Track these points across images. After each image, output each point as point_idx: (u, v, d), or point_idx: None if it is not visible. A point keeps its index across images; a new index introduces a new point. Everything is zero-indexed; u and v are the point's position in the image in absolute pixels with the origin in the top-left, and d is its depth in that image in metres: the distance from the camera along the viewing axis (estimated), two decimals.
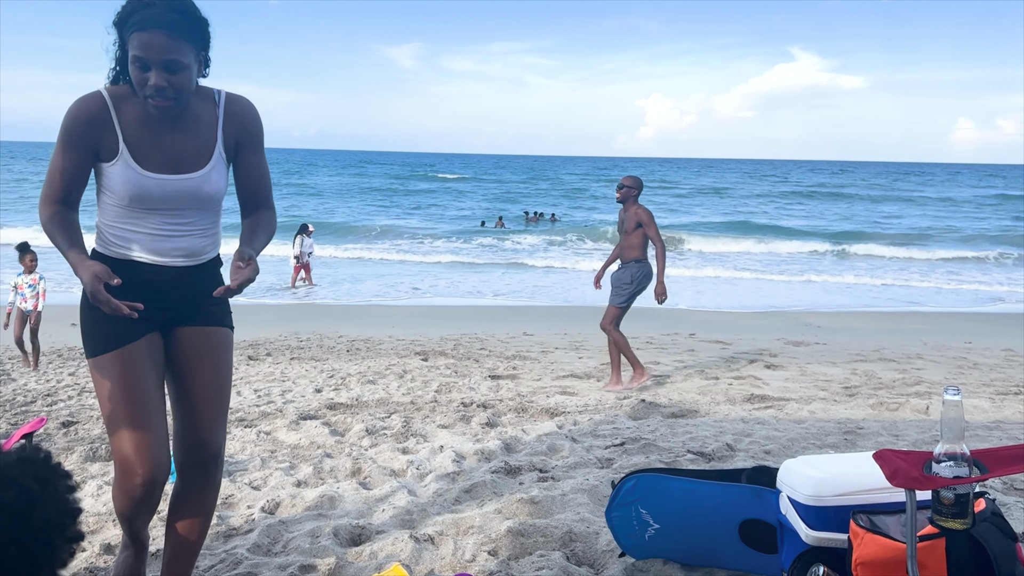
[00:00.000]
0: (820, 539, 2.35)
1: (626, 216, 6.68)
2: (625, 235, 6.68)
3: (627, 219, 6.65)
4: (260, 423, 5.06)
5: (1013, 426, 5.07)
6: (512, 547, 3.01)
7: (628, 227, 6.63)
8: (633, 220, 6.59)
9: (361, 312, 12.91)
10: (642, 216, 6.54)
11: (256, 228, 2.39)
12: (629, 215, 6.64)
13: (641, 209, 6.58)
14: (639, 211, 6.57)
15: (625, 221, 6.68)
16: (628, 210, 6.67)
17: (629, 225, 6.62)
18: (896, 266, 20.17)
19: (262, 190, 2.45)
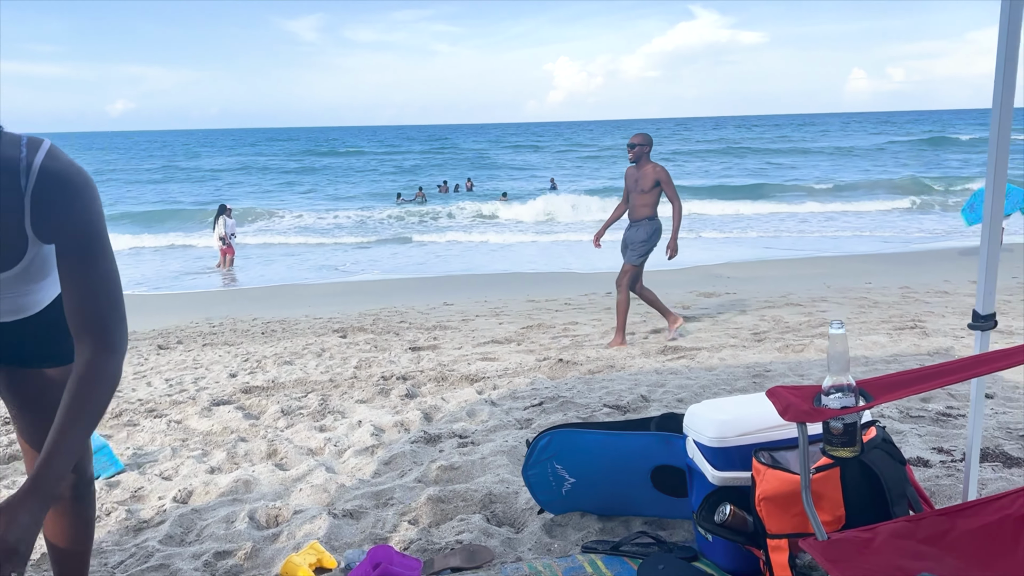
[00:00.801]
0: (726, 479, 2.43)
1: (641, 174, 6.67)
2: (640, 193, 6.68)
3: (642, 177, 6.65)
4: (170, 412, 4.91)
5: (908, 358, 5.33)
6: (432, 514, 3.02)
7: (644, 185, 6.64)
8: (651, 178, 6.61)
9: (275, 293, 12.63)
10: (661, 174, 6.59)
11: (71, 411, 1.57)
12: (645, 173, 6.65)
13: (659, 167, 6.63)
14: (657, 169, 6.61)
15: (640, 180, 6.67)
16: (643, 168, 6.67)
17: (646, 183, 6.63)
18: (798, 217, 20.86)
19: (91, 318, 1.62)
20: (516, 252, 16.87)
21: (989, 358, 1.98)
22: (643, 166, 6.68)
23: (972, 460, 2.38)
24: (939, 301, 8.14)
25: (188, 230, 21.31)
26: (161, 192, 34.70)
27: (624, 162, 7.10)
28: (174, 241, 19.47)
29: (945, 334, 6.18)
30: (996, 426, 3.70)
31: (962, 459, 3.23)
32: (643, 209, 6.71)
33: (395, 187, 33.24)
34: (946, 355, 5.42)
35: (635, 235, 6.76)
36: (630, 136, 6.91)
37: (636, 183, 6.73)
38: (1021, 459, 3.25)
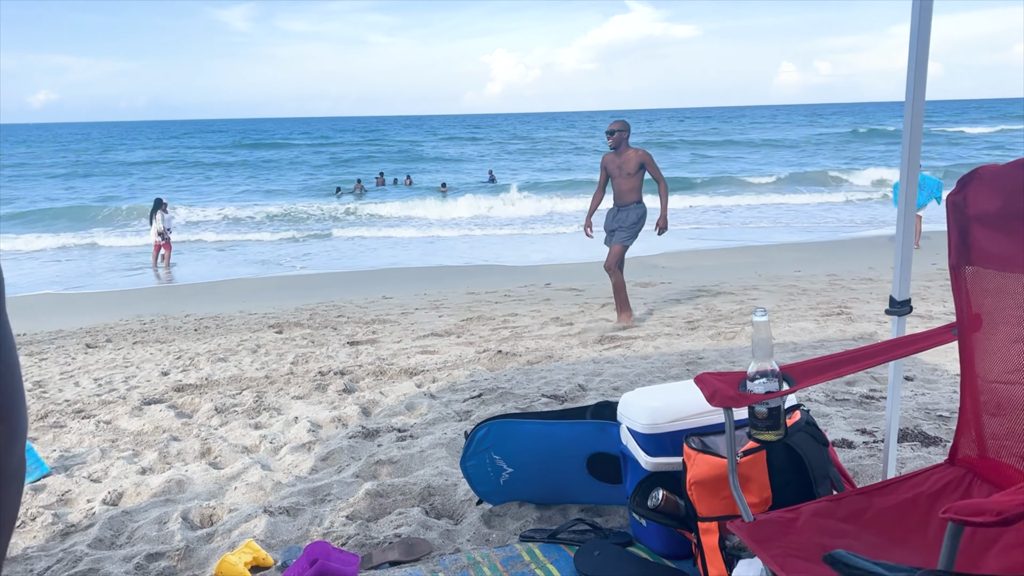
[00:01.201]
0: (658, 464, 2.49)
1: (623, 159, 6.81)
2: (626, 178, 6.81)
3: (625, 162, 6.80)
4: (99, 412, 4.78)
5: (834, 343, 5.52)
6: (371, 509, 3.01)
7: (629, 168, 6.78)
8: (634, 161, 6.76)
9: (208, 289, 12.36)
10: (644, 157, 6.76)
11: None
12: (627, 158, 6.79)
13: (640, 150, 6.79)
14: (639, 153, 6.77)
15: (623, 164, 6.81)
16: (624, 154, 6.81)
17: (630, 166, 6.78)
18: (729, 208, 21.30)
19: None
20: (455, 245, 16.84)
21: (904, 342, 2.07)
22: (624, 151, 6.83)
23: (891, 440, 2.48)
24: (864, 288, 8.43)
25: (87, 227, 20.58)
26: (70, 187, 33.14)
27: (561, 153, 7.15)
28: (73, 241, 18.72)
29: (869, 319, 6.40)
30: (915, 407, 3.86)
31: (883, 440, 3.37)
32: (631, 193, 6.86)
33: (330, 180, 32.78)
34: (870, 339, 5.62)
35: (626, 218, 6.88)
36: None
37: (620, 168, 6.86)
38: (938, 438, 3.40)
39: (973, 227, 1.89)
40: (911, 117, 2.18)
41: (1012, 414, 1.95)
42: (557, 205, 23.12)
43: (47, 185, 34.00)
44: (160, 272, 14.52)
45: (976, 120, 64.19)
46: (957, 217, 1.91)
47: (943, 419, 3.69)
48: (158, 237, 14.94)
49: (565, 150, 47.25)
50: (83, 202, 26.30)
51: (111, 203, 25.35)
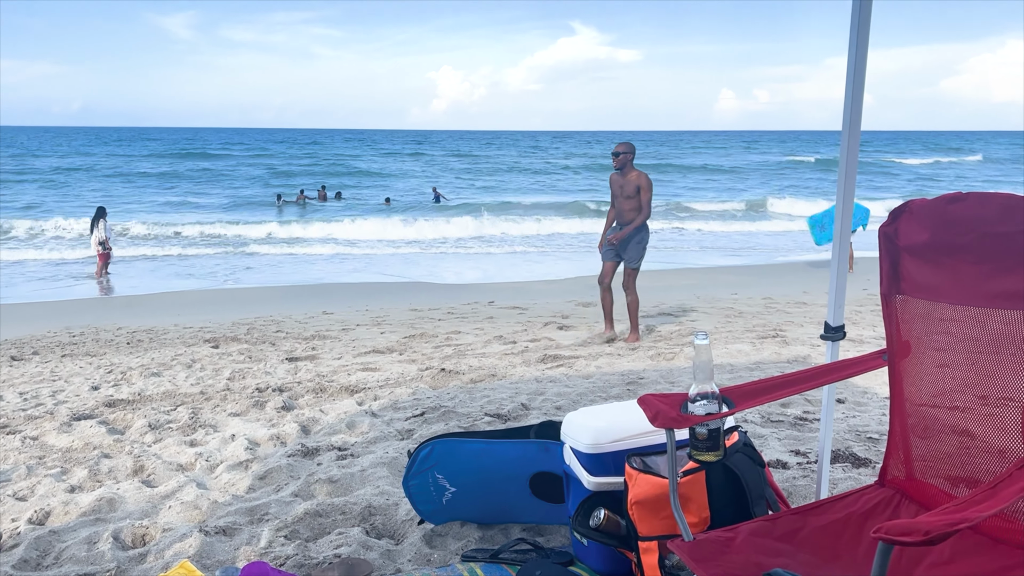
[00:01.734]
0: (600, 484, 2.52)
1: (625, 181, 6.89)
2: (626, 199, 6.92)
3: (627, 183, 6.88)
4: (25, 428, 4.61)
5: (770, 365, 5.66)
6: (310, 528, 2.97)
7: (628, 191, 6.88)
8: (634, 184, 6.84)
9: (141, 301, 12.04)
10: (642, 182, 6.84)
11: None
12: (629, 179, 6.87)
13: (642, 174, 6.88)
14: (640, 177, 6.86)
15: (624, 186, 6.90)
16: (627, 175, 6.90)
17: (629, 188, 6.87)
18: (670, 231, 21.70)
19: None
20: (396, 261, 16.75)
21: (838, 367, 2.15)
22: (627, 173, 6.94)
23: (824, 461, 2.56)
24: (798, 311, 8.66)
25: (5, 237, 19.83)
26: None
27: (505, 172, 7.19)
28: (34, 256, 18.07)
29: (803, 343, 6.58)
30: (847, 429, 3.99)
31: (816, 461, 3.46)
32: (631, 213, 6.96)
33: (269, 191, 32.27)
34: (804, 362, 5.78)
35: (640, 238, 7.02)
36: (615, 146, 7.10)
37: (621, 189, 6.98)
38: (868, 459, 3.51)
39: (903, 258, 1.97)
40: (847, 150, 2.27)
41: (937, 437, 2.04)
42: (500, 223, 23.21)
43: None
44: (99, 283, 14.17)
45: (905, 151, 66.65)
46: (888, 248, 1.99)
47: (872, 441, 3.81)
48: (99, 247, 14.55)
49: (509, 169, 47.54)
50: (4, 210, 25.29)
51: (32, 212, 24.48)
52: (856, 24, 2.20)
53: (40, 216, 23.63)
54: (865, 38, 2.26)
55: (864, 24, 2.20)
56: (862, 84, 2.29)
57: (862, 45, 2.26)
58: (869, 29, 2.22)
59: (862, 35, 2.22)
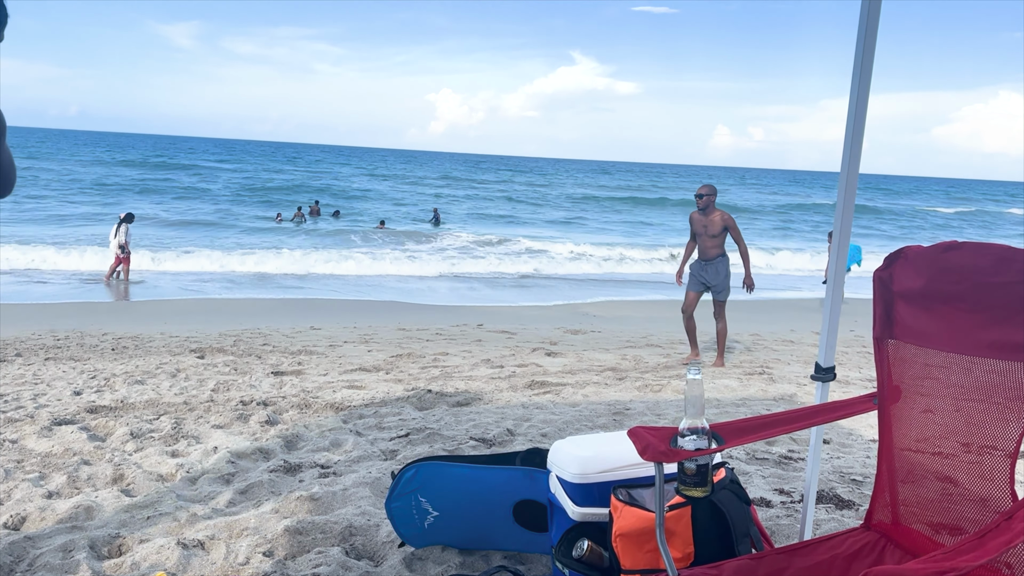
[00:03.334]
0: (585, 515, 2.50)
1: (709, 220, 7.37)
2: (710, 237, 7.40)
3: (710, 224, 7.37)
4: (5, 431, 4.55)
5: (756, 402, 5.66)
6: (289, 546, 2.94)
7: (713, 230, 7.37)
8: (719, 224, 7.34)
9: (128, 308, 11.98)
10: (728, 221, 7.38)
11: None
12: (712, 220, 7.36)
13: (726, 214, 7.37)
14: (725, 216, 7.35)
15: (709, 225, 7.38)
16: (710, 215, 7.37)
17: (714, 228, 7.36)
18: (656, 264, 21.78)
19: None
20: (388, 280, 16.73)
21: (828, 408, 2.15)
22: (710, 213, 7.40)
23: (809, 502, 2.56)
24: (785, 349, 8.69)
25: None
26: None
27: (505, 200, 7.23)
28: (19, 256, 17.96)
29: (790, 381, 6.60)
30: (831, 470, 3.99)
31: (800, 500, 3.46)
32: (714, 250, 7.45)
33: (268, 205, 32.32)
34: (790, 401, 5.79)
35: (715, 274, 7.46)
36: (699, 188, 7.52)
37: (705, 228, 7.44)
38: (852, 502, 3.51)
39: (897, 303, 1.99)
40: (844, 193, 2.29)
41: (924, 482, 2.05)
42: (496, 247, 23.27)
43: None
44: (118, 287, 14.25)
45: (896, 195, 67.15)
46: (883, 292, 2.01)
47: (856, 483, 3.82)
48: (119, 251, 14.66)
49: (509, 195, 47.60)
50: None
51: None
52: (859, 66, 2.23)
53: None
54: (867, 82, 2.30)
55: (867, 67, 2.23)
56: (862, 127, 2.32)
57: (863, 90, 2.30)
58: (871, 74, 2.25)
59: (864, 79, 2.25)
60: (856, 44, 2.24)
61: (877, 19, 2.23)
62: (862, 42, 2.22)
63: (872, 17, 2.21)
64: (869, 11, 2.20)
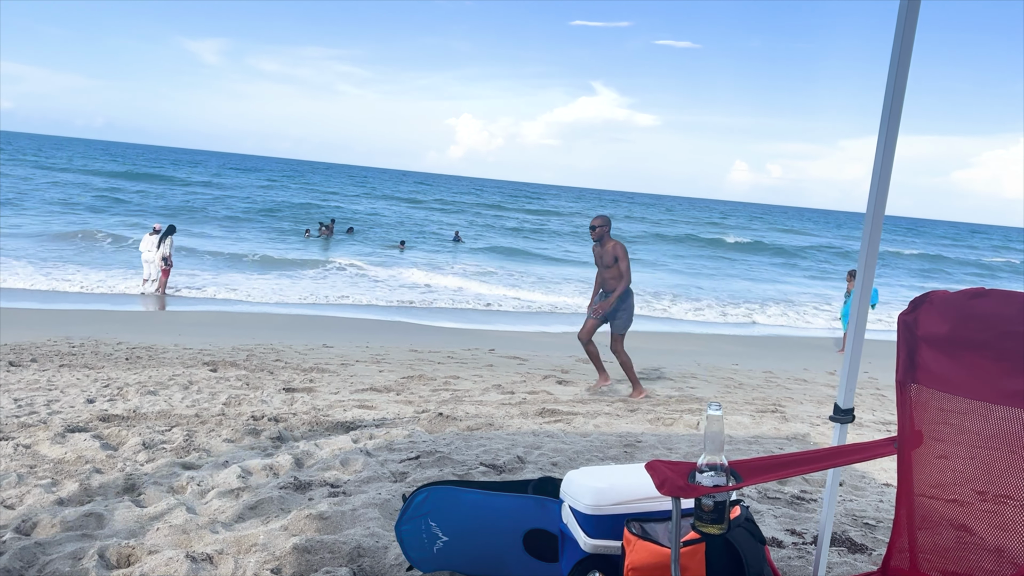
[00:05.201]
0: (597, 547, 2.49)
1: (604, 251, 7.34)
2: (606, 268, 7.38)
3: (605, 254, 7.33)
4: (18, 435, 4.57)
5: (769, 440, 5.62)
6: (297, 564, 2.93)
7: (607, 260, 7.33)
8: (611, 255, 7.29)
9: (144, 318, 12.06)
10: (618, 252, 7.29)
11: None
12: (607, 250, 7.32)
13: (617, 244, 7.32)
14: (616, 247, 7.30)
15: (603, 256, 7.35)
16: (605, 245, 7.35)
17: (608, 259, 7.32)
18: (669, 299, 21.74)
19: None
20: (402, 299, 16.77)
21: (847, 450, 2.14)
22: (605, 244, 7.37)
23: (824, 544, 2.53)
24: (798, 388, 8.63)
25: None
26: None
27: (528, 231, 7.29)
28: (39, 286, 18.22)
29: (803, 420, 6.55)
30: (844, 512, 3.94)
31: (812, 542, 3.42)
32: (613, 282, 7.39)
33: (291, 221, 32.70)
34: (803, 440, 5.74)
35: (617, 306, 7.37)
36: (592, 220, 7.49)
37: (601, 259, 7.43)
38: (864, 545, 3.47)
39: (921, 347, 1.98)
40: (869, 235, 2.29)
41: (941, 529, 2.03)
42: (511, 274, 23.30)
43: None
44: (154, 297, 14.48)
45: (910, 242, 66.60)
46: (907, 336, 2.01)
47: (869, 527, 3.77)
48: (162, 262, 14.90)
49: (527, 220, 47.67)
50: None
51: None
52: (888, 108, 2.24)
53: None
54: (895, 125, 2.30)
55: (896, 109, 2.24)
56: (890, 168, 2.32)
57: (892, 132, 2.30)
58: (900, 116, 2.26)
59: (892, 122, 2.26)
60: (886, 87, 2.25)
61: (908, 62, 2.25)
62: (892, 85, 2.23)
63: (903, 60, 2.22)
64: (900, 55, 2.22)
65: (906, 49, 2.22)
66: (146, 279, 15.08)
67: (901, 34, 2.21)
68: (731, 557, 2.26)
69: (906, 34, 2.21)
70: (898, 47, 2.22)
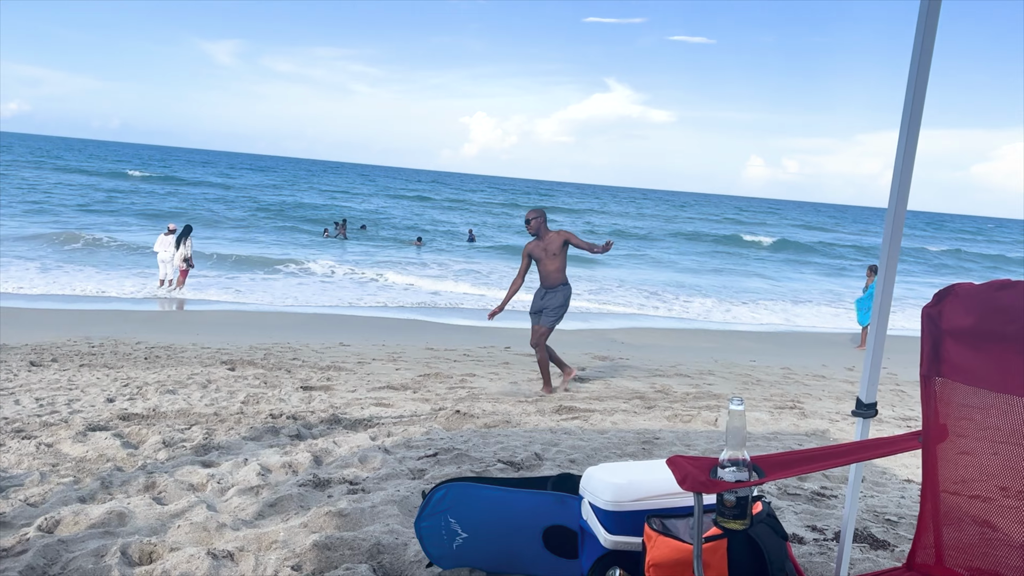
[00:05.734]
0: (617, 543, 2.48)
1: (547, 243, 7.09)
2: (551, 258, 7.10)
3: (549, 244, 7.08)
4: (41, 434, 4.61)
5: (788, 437, 5.58)
6: (317, 561, 2.94)
7: (554, 249, 7.07)
8: (557, 242, 7.04)
9: (162, 317, 12.14)
10: (566, 235, 7.05)
11: None
12: (550, 240, 7.08)
13: (561, 231, 7.10)
14: (561, 233, 7.08)
15: (548, 247, 7.09)
16: (546, 236, 7.11)
17: (554, 247, 7.06)
18: (687, 294, 21.66)
19: None
20: (417, 298, 16.80)
21: (870, 445, 2.12)
22: (545, 235, 7.12)
23: (846, 540, 2.51)
24: (817, 384, 8.58)
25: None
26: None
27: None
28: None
29: (822, 416, 6.50)
30: (865, 508, 3.91)
31: (834, 538, 3.40)
32: (557, 274, 7.14)
33: (312, 223, 32.92)
34: (823, 437, 5.70)
35: (552, 300, 7.15)
36: (527, 213, 7.27)
37: (545, 251, 7.13)
38: (886, 542, 3.44)
39: (945, 340, 1.96)
40: (891, 228, 2.27)
41: (968, 526, 2.00)
42: None
43: None
44: (173, 295, 14.61)
45: (936, 236, 65.76)
46: (931, 329, 1.98)
47: (891, 523, 3.74)
48: (183, 263, 15.03)
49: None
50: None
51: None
52: (910, 102, 2.22)
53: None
54: (918, 119, 2.28)
55: (918, 104, 2.21)
56: (911, 162, 2.30)
57: (914, 126, 2.28)
58: (922, 110, 2.24)
59: (915, 115, 2.24)
60: (908, 80, 2.23)
61: (929, 60, 2.22)
62: (914, 79, 2.20)
63: (924, 57, 2.20)
64: (921, 51, 2.19)
65: (927, 45, 2.20)
66: (162, 280, 15.17)
67: (923, 30, 2.19)
68: (753, 553, 2.24)
69: (927, 30, 2.19)
70: (919, 43, 2.19)
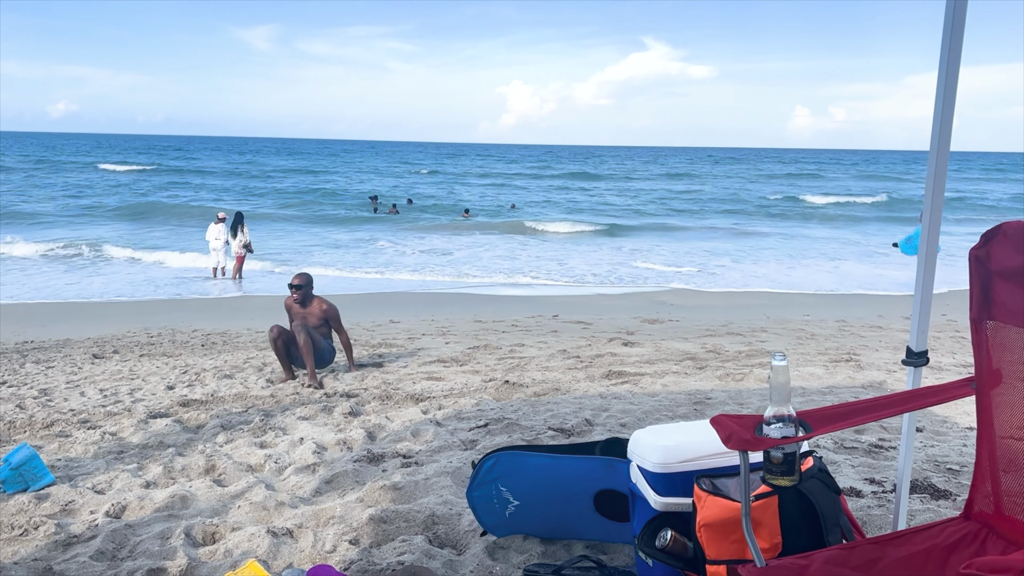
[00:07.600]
0: (668, 504, 2.47)
1: (308, 313, 6.69)
2: (313, 329, 6.68)
3: (309, 315, 6.68)
4: (105, 424, 4.78)
5: (843, 390, 5.49)
6: (374, 534, 3.00)
7: (313, 321, 6.67)
8: (318, 316, 6.68)
9: (215, 305, 12.40)
10: (329, 312, 6.69)
11: None
12: (312, 311, 6.68)
13: (326, 305, 6.71)
14: (323, 306, 6.69)
15: (308, 317, 6.69)
16: (309, 306, 6.71)
17: (313, 319, 6.67)
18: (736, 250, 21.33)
19: None
20: (463, 270, 16.87)
21: (921, 394, 2.06)
22: (309, 304, 6.72)
23: (902, 491, 2.46)
24: (873, 335, 8.40)
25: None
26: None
27: (575, 191, 7.19)
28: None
29: (879, 368, 6.37)
30: (925, 459, 3.83)
31: (893, 490, 3.34)
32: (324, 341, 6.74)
33: (345, 202, 33.29)
34: (879, 388, 5.59)
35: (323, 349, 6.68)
36: (293, 278, 6.77)
37: (305, 320, 6.70)
38: (948, 491, 3.37)
39: (995, 282, 1.89)
40: (934, 170, 2.19)
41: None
42: (568, 240, 23.21)
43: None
44: (234, 283, 14.92)
45: (990, 177, 63.48)
46: (979, 271, 1.91)
47: (952, 472, 3.66)
48: (242, 249, 15.29)
49: (581, 187, 47.43)
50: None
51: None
52: (947, 39, 2.13)
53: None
54: (956, 57, 2.19)
55: (956, 40, 2.12)
56: (952, 104, 2.21)
57: (953, 65, 2.19)
58: (961, 47, 2.14)
59: (954, 53, 2.15)
60: (944, 17, 2.13)
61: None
62: (951, 15, 2.11)
63: None
64: None
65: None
66: (215, 267, 15.46)
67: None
68: (806, 508, 2.22)
69: None
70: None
